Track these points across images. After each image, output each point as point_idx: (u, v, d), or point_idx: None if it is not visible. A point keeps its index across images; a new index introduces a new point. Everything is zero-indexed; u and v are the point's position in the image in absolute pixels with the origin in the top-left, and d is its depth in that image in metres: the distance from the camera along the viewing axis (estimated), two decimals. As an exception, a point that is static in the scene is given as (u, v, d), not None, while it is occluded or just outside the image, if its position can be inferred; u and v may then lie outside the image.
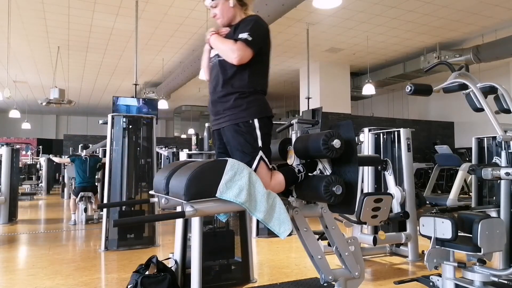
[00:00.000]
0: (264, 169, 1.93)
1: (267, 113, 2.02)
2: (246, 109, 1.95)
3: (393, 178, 4.15)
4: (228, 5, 2.05)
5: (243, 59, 1.90)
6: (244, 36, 1.90)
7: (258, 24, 1.99)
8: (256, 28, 1.96)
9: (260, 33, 1.98)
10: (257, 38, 1.95)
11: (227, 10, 2.06)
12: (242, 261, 3.27)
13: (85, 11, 6.81)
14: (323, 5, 5.67)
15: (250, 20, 1.99)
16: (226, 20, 2.09)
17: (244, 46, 1.89)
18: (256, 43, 1.94)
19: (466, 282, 2.54)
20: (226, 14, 2.07)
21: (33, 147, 18.44)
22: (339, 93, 10.45)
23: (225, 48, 1.95)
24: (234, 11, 2.07)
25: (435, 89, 2.55)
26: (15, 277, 3.62)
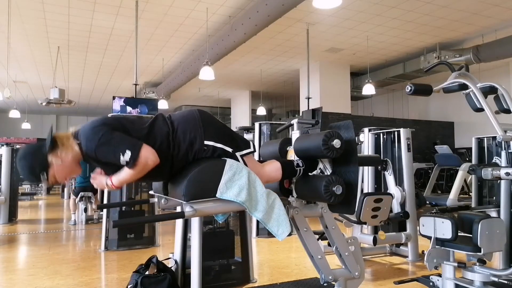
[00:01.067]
0: (250, 162, 1.94)
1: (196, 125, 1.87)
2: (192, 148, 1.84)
3: (393, 178, 4.14)
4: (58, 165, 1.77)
5: (155, 154, 1.74)
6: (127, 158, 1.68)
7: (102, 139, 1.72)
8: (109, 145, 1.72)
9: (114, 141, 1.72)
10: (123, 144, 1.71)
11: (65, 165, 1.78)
12: (242, 261, 3.26)
13: (85, 11, 6.81)
14: (323, 5, 5.66)
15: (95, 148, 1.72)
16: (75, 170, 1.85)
17: (139, 157, 1.69)
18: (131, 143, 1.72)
19: (466, 282, 2.54)
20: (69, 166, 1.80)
21: (33, 147, 18.43)
22: (339, 93, 10.45)
23: (136, 174, 1.74)
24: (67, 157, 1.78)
25: (435, 89, 2.55)
26: (15, 277, 3.62)
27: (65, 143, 1.79)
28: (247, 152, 1.95)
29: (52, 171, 1.76)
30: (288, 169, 2.02)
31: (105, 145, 1.72)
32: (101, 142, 1.72)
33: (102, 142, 1.72)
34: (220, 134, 1.91)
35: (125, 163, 1.70)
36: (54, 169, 1.76)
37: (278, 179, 2.02)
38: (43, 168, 1.75)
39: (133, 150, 1.69)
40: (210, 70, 7.11)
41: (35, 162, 1.76)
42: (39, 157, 1.75)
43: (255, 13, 6.20)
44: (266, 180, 1.95)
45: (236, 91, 13.99)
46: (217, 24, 7.42)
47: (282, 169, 2.00)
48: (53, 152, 1.76)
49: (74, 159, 1.80)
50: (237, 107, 14.81)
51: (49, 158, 1.74)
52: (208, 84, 12.40)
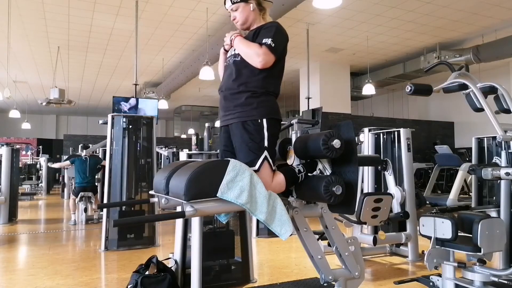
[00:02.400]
0: (267, 169, 1.93)
1: (277, 115, 2.04)
2: (256, 108, 1.97)
3: (393, 178, 4.15)
4: (249, 8, 2.10)
5: (267, 63, 1.95)
6: (268, 42, 1.95)
7: (280, 32, 2.03)
8: (279, 35, 2.01)
9: (282, 40, 2.03)
10: (280, 45, 2.00)
11: (248, 14, 2.11)
12: (242, 261, 3.26)
13: (85, 11, 6.81)
14: (323, 5, 5.67)
15: (272, 27, 2.03)
16: (246, 23, 2.14)
17: (269, 51, 1.94)
18: (279, 50, 2.00)
19: (466, 282, 2.54)
20: (247, 17, 2.12)
21: (33, 147, 18.44)
22: (339, 93, 10.45)
23: (250, 51, 1.98)
24: (254, 15, 2.11)
25: (435, 89, 2.55)
26: (15, 277, 3.62)
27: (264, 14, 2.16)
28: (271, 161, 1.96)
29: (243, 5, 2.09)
30: (291, 179, 2.03)
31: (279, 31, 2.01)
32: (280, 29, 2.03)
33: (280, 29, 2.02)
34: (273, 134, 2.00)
35: (263, 42, 1.95)
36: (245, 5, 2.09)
37: (282, 191, 2.03)
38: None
39: (275, 48, 1.95)
40: (210, 70, 7.11)
41: None
42: None
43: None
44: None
45: (236, 91, 13.95)
46: (217, 24, 7.42)
47: (286, 181, 2.00)
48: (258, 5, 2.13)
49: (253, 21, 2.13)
50: (237, 107, 14.77)
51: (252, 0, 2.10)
52: (208, 84, 12.39)
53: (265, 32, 2.00)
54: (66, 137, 16.19)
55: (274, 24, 2.06)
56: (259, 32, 2.03)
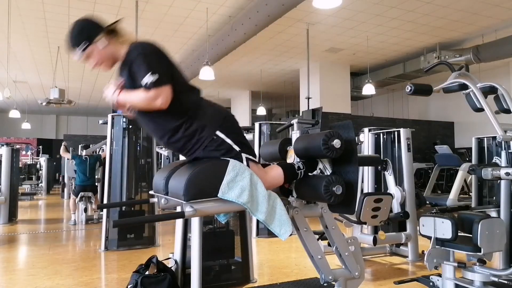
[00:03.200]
0: (254, 167, 1.92)
1: (220, 115, 1.91)
2: (202, 131, 1.84)
3: (393, 178, 4.15)
4: (100, 47, 1.81)
5: (167, 99, 1.74)
6: (150, 79, 1.69)
7: (146, 52, 1.76)
8: (150, 59, 1.74)
9: (158, 61, 1.76)
10: (160, 69, 1.74)
11: (102, 54, 1.83)
12: (242, 261, 3.26)
13: (85, 11, 6.81)
14: (323, 5, 5.66)
15: (138, 56, 1.74)
16: (108, 63, 1.88)
17: (158, 88, 1.70)
18: (165, 75, 1.75)
19: (466, 282, 2.54)
20: (103, 58, 1.85)
21: (33, 147, 18.44)
22: (339, 93, 10.45)
23: (142, 102, 1.75)
24: (110, 48, 1.84)
25: (435, 89, 2.55)
26: (15, 277, 3.62)
27: (119, 39, 1.85)
28: (252, 158, 1.93)
29: (92, 49, 1.81)
30: (290, 174, 2.02)
31: (148, 56, 1.74)
32: (147, 52, 1.76)
33: (147, 53, 1.75)
34: (235, 134, 1.91)
35: (145, 83, 1.70)
36: (94, 48, 1.81)
37: (280, 184, 2.02)
38: (88, 39, 1.80)
39: (160, 78, 1.70)
40: (210, 70, 7.11)
41: (86, 30, 1.81)
42: (92, 28, 1.81)
43: (255, 13, 6.20)
44: (268, 186, 1.95)
45: (236, 91, 13.99)
46: (217, 24, 7.42)
47: (284, 174, 1.99)
48: (106, 36, 1.81)
49: (114, 55, 1.85)
50: (237, 107, 14.81)
51: (99, 37, 1.80)
52: (208, 84, 12.39)
53: (138, 69, 1.73)
54: (66, 137, 16.19)
55: (138, 50, 1.77)
56: (131, 69, 1.76)
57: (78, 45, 1.81)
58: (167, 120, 1.83)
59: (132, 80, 1.78)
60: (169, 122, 1.83)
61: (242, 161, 1.87)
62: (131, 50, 1.80)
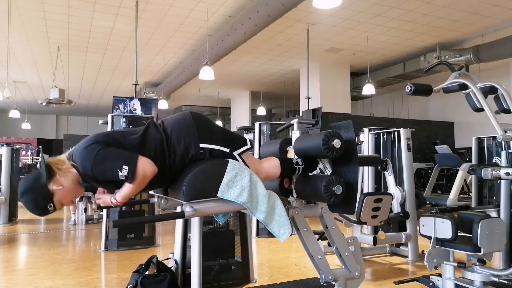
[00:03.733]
0: (248, 158, 1.94)
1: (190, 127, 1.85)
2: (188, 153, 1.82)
3: (393, 178, 4.14)
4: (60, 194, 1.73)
5: (152, 164, 1.71)
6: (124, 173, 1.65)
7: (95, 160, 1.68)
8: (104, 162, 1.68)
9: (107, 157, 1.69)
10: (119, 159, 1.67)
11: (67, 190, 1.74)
12: (242, 261, 3.26)
13: (85, 11, 6.81)
14: (323, 5, 5.66)
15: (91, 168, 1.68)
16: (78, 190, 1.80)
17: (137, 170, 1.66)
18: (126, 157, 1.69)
19: (466, 282, 2.54)
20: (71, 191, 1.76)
21: (33, 147, 18.43)
22: (339, 93, 10.45)
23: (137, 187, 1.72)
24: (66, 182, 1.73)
25: (435, 89, 2.55)
26: (15, 277, 3.62)
27: (61, 168, 1.74)
28: (244, 149, 1.94)
29: (57, 198, 1.72)
30: (287, 167, 2.02)
31: (101, 163, 1.68)
32: (97, 160, 1.67)
33: (97, 160, 1.67)
34: (215, 136, 1.89)
35: (124, 177, 1.66)
36: (58, 196, 1.72)
37: (276, 175, 2.01)
38: (47, 199, 1.70)
39: (130, 164, 1.65)
40: (210, 70, 7.11)
41: (37, 196, 1.70)
42: (39, 190, 1.70)
43: (255, 13, 6.20)
44: (264, 176, 1.95)
45: (236, 91, 13.99)
46: (217, 24, 7.42)
47: (281, 166, 1.99)
48: (52, 179, 1.70)
49: (74, 181, 1.75)
50: (237, 107, 14.81)
51: (49, 187, 1.70)
52: (208, 84, 12.40)
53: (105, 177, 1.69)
54: (66, 137, 16.19)
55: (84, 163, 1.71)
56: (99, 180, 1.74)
57: (46, 210, 1.73)
58: (159, 174, 1.76)
59: (109, 182, 1.74)
60: (162, 173, 1.78)
61: (237, 159, 1.88)
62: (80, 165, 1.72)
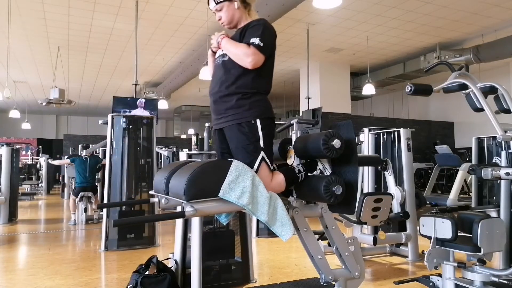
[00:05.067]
0: (265, 170, 1.92)
1: (270, 114, 2.02)
2: (248, 110, 1.94)
3: (393, 178, 4.14)
4: (233, 7, 2.06)
5: (257, 63, 1.92)
6: (256, 42, 1.91)
7: (268, 29, 1.99)
8: (267, 34, 1.97)
9: (270, 38, 2.00)
10: (269, 43, 1.97)
11: (233, 13, 2.07)
12: (242, 261, 3.27)
13: (85, 11, 6.81)
14: (323, 5, 5.67)
15: (259, 25, 1.98)
16: (232, 22, 2.10)
17: (258, 51, 1.91)
18: (268, 48, 1.97)
19: (466, 282, 2.54)
20: (232, 16, 2.08)
21: (33, 147, 18.44)
22: (339, 93, 10.45)
23: (239, 52, 1.94)
24: (239, 13, 2.08)
25: (435, 89, 2.55)
26: (15, 277, 3.62)
27: (248, 9, 2.10)
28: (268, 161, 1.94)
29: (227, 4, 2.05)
30: (291, 179, 2.02)
31: (266, 30, 1.96)
32: (268, 27, 1.99)
33: (267, 27, 1.98)
34: (268, 134, 1.98)
35: (251, 42, 1.92)
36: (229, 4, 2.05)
37: (281, 191, 2.02)
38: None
39: (264, 47, 1.92)
40: (210, 70, 7.10)
41: None
42: None
43: (255, 13, 6.20)
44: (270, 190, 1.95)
45: (236, 91, 13.96)
46: (217, 24, 7.36)
47: (286, 181, 2.00)
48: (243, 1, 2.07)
49: (239, 19, 2.08)
50: (237, 107, 14.78)
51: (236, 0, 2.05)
52: (208, 84, 12.33)
53: (252, 31, 1.96)
54: (66, 137, 16.19)
55: (261, 21, 2.01)
56: (246, 31, 1.99)
57: None
58: (240, 79, 1.96)
59: (240, 39, 1.98)
60: (239, 81, 1.97)
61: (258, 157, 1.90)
62: (255, 22, 2.01)
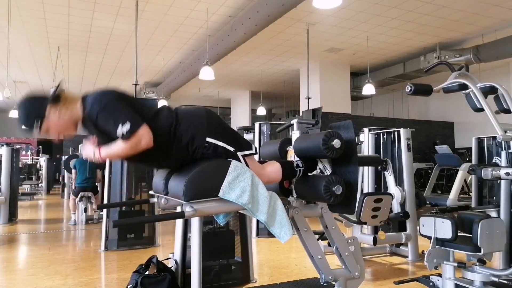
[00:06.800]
0: (251, 162, 1.94)
1: (201, 120, 1.87)
2: (193, 143, 1.82)
3: (393, 178, 4.14)
4: (54, 120, 1.74)
5: (150, 137, 1.72)
6: (124, 130, 1.66)
7: (105, 104, 1.72)
8: (113, 110, 1.71)
9: (118, 108, 1.72)
10: (128, 114, 1.70)
11: (61, 122, 1.76)
12: (242, 261, 3.26)
13: (85, 11, 6.81)
14: (323, 5, 5.66)
15: (98, 111, 1.71)
16: (70, 128, 1.81)
17: (136, 133, 1.68)
18: (134, 118, 1.71)
19: (466, 282, 2.54)
20: (63, 124, 1.78)
21: (33, 147, 18.44)
22: (339, 93, 10.45)
23: (126, 149, 1.71)
24: (65, 114, 1.76)
25: (435, 89, 2.55)
26: (15, 277, 3.62)
27: (68, 102, 1.78)
28: (249, 153, 1.95)
29: (47, 123, 1.74)
30: (288, 170, 2.02)
31: (109, 110, 1.71)
32: (107, 106, 1.71)
33: (107, 106, 1.71)
34: (224, 133, 1.91)
35: (121, 134, 1.68)
36: (49, 121, 1.74)
37: (278, 180, 2.03)
38: (39, 116, 1.73)
39: (132, 124, 1.68)
40: (210, 70, 7.11)
41: (33, 109, 1.75)
42: (38, 105, 1.75)
43: (255, 13, 6.20)
44: (266, 181, 1.96)
45: (236, 91, 13.99)
46: (217, 24, 7.42)
47: (282, 170, 2.00)
48: (54, 105, 1.74)
49: (72, 119, 1.79)
50: (237, 107, 14.81)
51: (47, 109, 1.73)
52: (208, 84, 12.40)
53: (106, 123, 1.70)
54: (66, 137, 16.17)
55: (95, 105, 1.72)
56: (97, 126, 1.74)
57: (32, 126, 1.74)
58: (155, 152, 1.78)
59: (105, 134, 1.74)
60: (158, 152, 1.80)
61: (240, 160, 1.88)
62: (88, 106, 1.75)
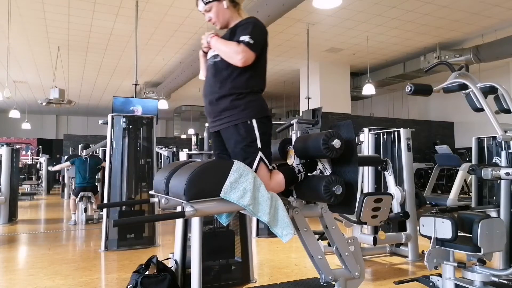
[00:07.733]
0: (263, 170, 1.92)
1: (265, 113, 2.02)
2: (244, 110, 1.94)
3: (393, 178, 4.14)
4: (222, 7, 2.04)
5: (247, 61, 1.91)
6: (246, 39, 1.90)
7: (258, 26, 1.98)
8: (257, 31, 1.96)
9: (261, 36, 1.98)
10: (259, 40, 1.96)
11: (222, 13, 2.05)
12: (242, 261, 3.27)
13: (85, 11, 6.81)
14: (323, 5, 5.67)
15: (249, 23, 1.98)
16: (222, 22, 2.08)
17: (248, 48, 1.90)
18: (258, 46, 1.95)
19: (466, 282, 2.54)
20: (222, 16, 2.06)
21: (33, 147, 18.44)
22: (339, 93, 10.45)
23: (228, 50, 1.93)
24: (229, 12, 2.06)
25: (435, 89, 2.55)
26: (15, 277, 3.62)
27: (238, 7, 2.08)
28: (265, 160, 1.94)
29: (217, 4, 2.03)
30: (291, 179, 2.02)
31: (256, 27, 1.96)
32: (258, 25, 1.98)
33: (258, 25, 1.98)
34: (265, 133, 1.97)
35: (241, 40, 1.91)
36: (218, 4, 2.03)
37: (281, 191, 2.03)
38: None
39: (254, 45, 1.91)
40: (210, 70, 7.10)
41: None
42: None
43: (255, 13, 6.19)
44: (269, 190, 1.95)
45: (236, 91, 13.97)
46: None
47: (285, 180, 2.00)
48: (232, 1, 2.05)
49: (229, 18, 2.06)
50: (237, 107, 14.77)
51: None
52: (208, 84, 12.38)
53: (242, 29, 1.96)
54: (66, 137, 16.19)
55: (251, 19, 2.01)
56: (236, 30, 1.99)
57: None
58: (233, 79, 1.96)
59: (231, 38, 1.98)
60: (232, 82, 1.96)
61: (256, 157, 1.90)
62: (244, 20, 2.01)
